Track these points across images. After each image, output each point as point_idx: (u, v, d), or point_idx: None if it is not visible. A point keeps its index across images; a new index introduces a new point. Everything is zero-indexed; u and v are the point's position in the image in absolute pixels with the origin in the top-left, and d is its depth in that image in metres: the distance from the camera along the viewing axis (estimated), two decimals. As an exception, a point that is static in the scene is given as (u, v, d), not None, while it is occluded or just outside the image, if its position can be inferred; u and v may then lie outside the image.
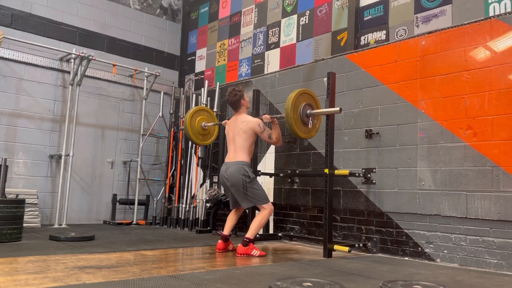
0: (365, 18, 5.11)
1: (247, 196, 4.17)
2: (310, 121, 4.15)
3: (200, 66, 7.62)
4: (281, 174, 5.47)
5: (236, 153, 4.25)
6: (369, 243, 4.52)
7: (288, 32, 6.05)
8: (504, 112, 3.73)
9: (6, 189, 4.59)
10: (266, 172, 5.51)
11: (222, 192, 5.90)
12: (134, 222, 6.71)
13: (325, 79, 4.40)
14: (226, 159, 4.34)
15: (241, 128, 4.25)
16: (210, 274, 3.09)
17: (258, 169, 5.51)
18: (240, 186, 4.15)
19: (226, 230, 4.31)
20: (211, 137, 5.23)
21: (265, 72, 6.25)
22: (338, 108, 4.03)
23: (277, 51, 6.18)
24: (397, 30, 4.77)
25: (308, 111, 4.14)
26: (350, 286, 2.81)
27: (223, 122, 4.71)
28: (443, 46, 4.19)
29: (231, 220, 4.41)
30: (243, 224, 5.64)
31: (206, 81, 6.74)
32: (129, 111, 7.23)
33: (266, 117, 4.33)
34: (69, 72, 6.45)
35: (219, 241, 4.28)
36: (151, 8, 7.67)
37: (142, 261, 3.57)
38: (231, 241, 4.41)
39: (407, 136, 4.35)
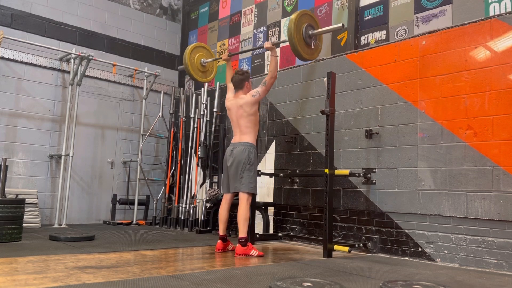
0: (365, 18, 5.11)
1: (241, 179, 4.19)
2: (313, 42, 4.18)
3: (200, 66, 7.61)
4: (281, 174, 5.47)
5: (243, 135, 4.34)
6: (369, 243, 4.52)
7: (288, 32, 6.04)
8: (504, 112, 3.72)
9: (6, 189, 4.59)
10: (266, 172, 5.50)
11: (222, 192, 5.90)
12: (134, 222, 6.71)
13: (325, 79, 4.40)
14: (233, 140, 4.42)
15: (244, 110, 4.32)
16: (210, 274, 3.08)
17: (258, 169, 5.49)
18: (241, 164, 4.19)
19: (222, 231, 4.31)
20: (211, 74, 5.19)
21: (265, 72, 6.25)
22: (340, 24, 4.09)
23: (277, 51, 6.16)
24: (397, 30, 4.77)
25: (310, 31, 4.15)
26: (350, 286, 2.81)
27: (223, 56, 4.80)
28: (443, 46, 4.19)
29: (222, 217, 4.35)
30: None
31: (206, 81, 6.74)
32: (129, 111, 7.23)
33: (268, 43, 4.39)
34: (69, 72, 6.46)
35: (218, 241, 4.28)
36: (151, 8, 7.67)
37: (142, 261, 3.56)
38: (230, 241, 4.41)
39: (407, 136, 4.35)
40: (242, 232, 4.09)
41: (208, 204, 6.13)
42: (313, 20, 4.25)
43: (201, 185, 6.36)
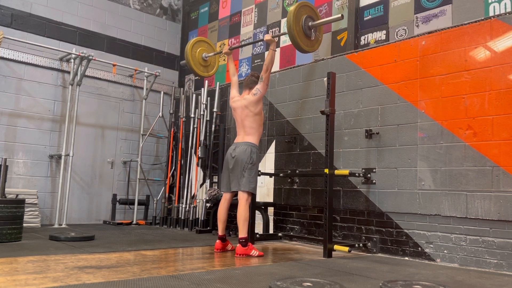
0: (365, 18, 5.11)
1: (242, 178, 4.18)
2: (313, 33, 4.14)
3: (200, 66, 7.61)
4: (281, 174, 5.47)
5: (246, 136, 4.34)
6: (369, 243, 4.52)
7: (288, 32, 6.04)
8: (504, 112, 3.73)
9: (6, 189, 4.59)
10: (266, 172, 5.51)
11: (221, 191, 5.90)
12: (134, 222, 6.71)
13: (325, 79, 4.40)
14: (236, 140, 4.41)
15: (250, 110, 4.31)
16: (210, 274, 3.08)
17: (258, 169, 5.50)
18: (243, 163, 4.19)
19: (221, 230, 4.30)
20: (213, 69, 5.14)
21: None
22: (340, 15, 4.04)
23: (277, 51, 6.18)
24: (397, 30, 4.77)
25: (310, 23, 4.11)
26: (350, 286, 2.81)
27: (224, 50, 4.76)
28: (443, 46, 4.19)
29: (221, 216, 4.34)
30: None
31: (206, 81, 6.74)
32: (129, 111, 7.23)
33: (268, 35, 4.38)
34: (69, 72, 6.46)
35: (217, 241, 4.28)
36: (151, 8, 7.67)
37: (142, 261, 3.57)
38: (229, 241, 4.41)
39: (407, 136, 4.35)
40: (242, 232, 4.09)
41: (208, 204, 6.13)
42: (312, 11, 4.20)
43: (201, 185, 6.36)
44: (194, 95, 6.81)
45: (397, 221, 4.34)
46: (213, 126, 6.48)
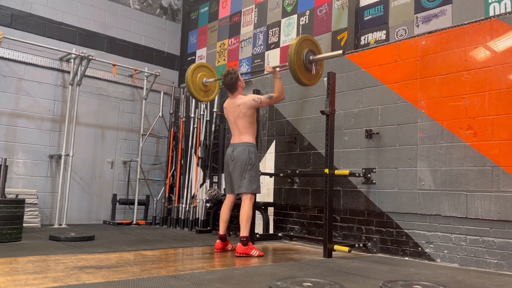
0: (365, 18, 5.11)
1: (243, 180, 4.18)
2: (313, 67, 4.13)
3: (200, 66, 7.61)
4: (281, 174, 5.47)
5: (242, 135, 4.31)
6: (369, 243, 4.52)
7: (288, 32, 6.05)
8: (504, 112, 3.72)
9: (6, 189, 4.59)
10: (266, 172, 5.51)
11: (222, 192, 5.91)
12: (134, 222, 6.71)
13: (325, 79, 4.40)
14: (232, 141, 4.39)
15: (240, 111, 4.29)
16: (210, 274, 3.08)
17: (259, 168, 5.50)
18: (242, 165, 4.18)
19: (222, 230, 4.30)
20: (213, 94, 5.14)
21: (265, 72, 6.23)
22: (340, 51, 4.02)
23: (277, 51, 6.18)
24: (397, 30, 4.77)
25: (311, 57, 4.11)
26: (350, 286, 2.81)
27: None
28: (443, 46, 4.19)
29: (224, 216, 4.34)
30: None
31: (206, 81, 6.73)
32: (129, 111, 7.23)
33: (268, 67, 4.34)
34: (69, 72, 6.46)
35: (217, 241, 4.27)
36: (151, 8, 7.67)
37: (142, 261, 3.56)
38: (229, 241, 4.41)
39: (407, 136, 4.35)
40: (244, 231, 4.09)
41: (208, 204, 6.13)
42: (314, 45, 4.20)
43: (201, 185, 6.36)
44: (194, 95, 6.81)
45: (397, 221, 4.34)
46: (213, 126, 6.48)
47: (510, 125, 3.68)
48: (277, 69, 4.37)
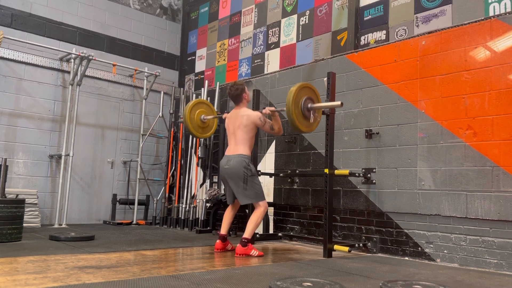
0: (365, 18, 5.11)
1: (246, 191, 4.14)
2: (311, 115, 4.13)
3: (200, 66, 7.62)
4: (281, 174, 5.47)
5: (237, 146, 4.24)
6: (369, 243, 4.52)
7: (288, 32, 6.05)
8: (504, 112, 3.73)
9: (6, 189, 4.59)
10: (266, 172, 5.51)
11: (222, 192, 5.90)
12: (134, 222, 6.71)
13: (325, 79, 4.40)
14: (227, 152, 4.32)
15: (241, 122, 4.25)
16: (210, 274, 3.08)
17: (258, 169, 5.49)
18: (240, 179, 4.13)
19: (223, 230, 4.31)
20: (211, 130, 5.17)
21: (265, 72, 6.25)
22: (339, 102, 3.97)
23: (277, 51, 6.18)
24: (397, 30, 4.77)
25: (309, 105, 4.08)
26: (350, 286, 2.81)
27: (223, 115, 4.67)
28: (443, 46, 4.19)
29: (227, 218, 4.37)
30: (243, 224, 5.63)
31: (206, 81, 6.74)
32: (129, 111, 7.23)
33: (268, 109, 4.31)
34: (69, 72, 6.46)
35: (217, 241, 4.27)
36: (151, 8, 7.67)
37: (142, 261, 3.57)
38: (229, 241, 4.41)
39: (407, 136, 4.35)
40: (248, 233, 4.09)
41: (208, 204, 6.13)
42: (312, 92, 4.16)
43: (201, 185, 6.36)
44: (194, 95, 6.82)
45: (397, 221, 4.34)
46: (213, 126, 6.48)
47: (510, 125, 3.68)
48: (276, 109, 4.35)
